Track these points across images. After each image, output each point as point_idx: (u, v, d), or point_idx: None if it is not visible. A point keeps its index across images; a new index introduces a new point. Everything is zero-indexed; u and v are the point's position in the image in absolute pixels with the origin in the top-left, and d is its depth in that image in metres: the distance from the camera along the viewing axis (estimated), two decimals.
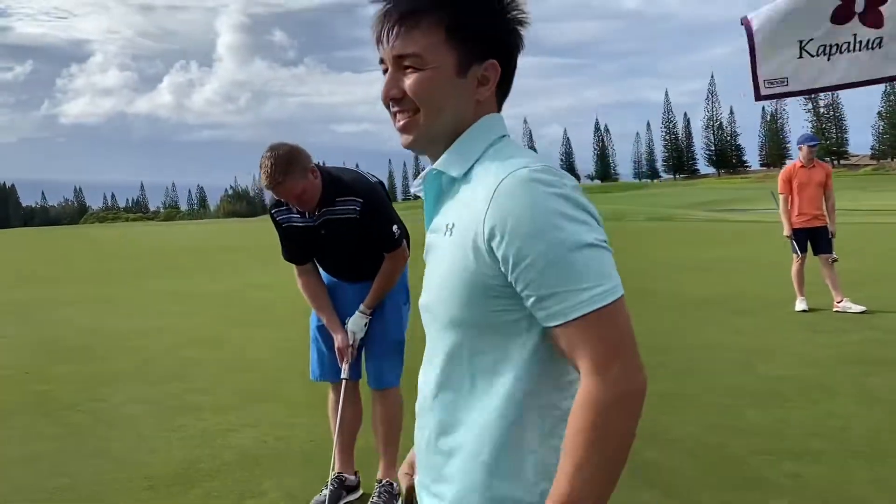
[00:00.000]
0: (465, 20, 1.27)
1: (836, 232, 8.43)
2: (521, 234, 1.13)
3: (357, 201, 3.31)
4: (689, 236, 19.19)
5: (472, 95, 1.30)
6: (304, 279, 3.61)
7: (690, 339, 7.07)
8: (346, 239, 3.41)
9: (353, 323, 3.51)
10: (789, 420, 4.65)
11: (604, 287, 1.13)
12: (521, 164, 1.19)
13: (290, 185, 3.18)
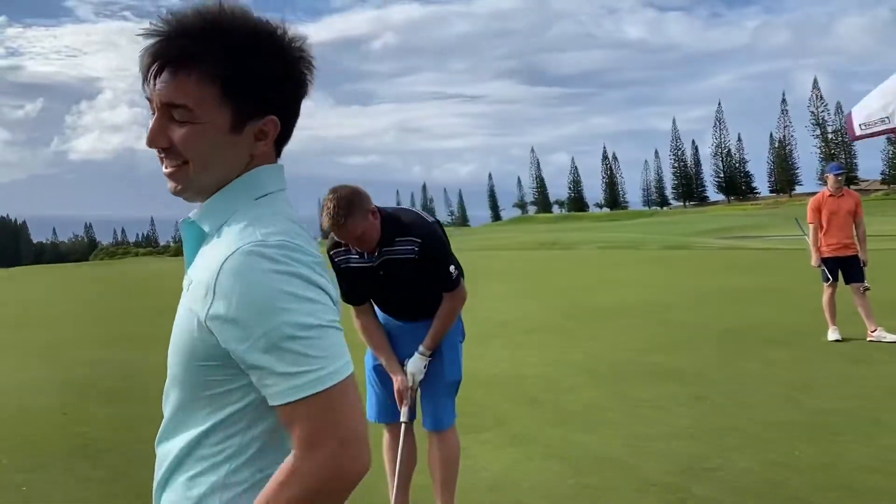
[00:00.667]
0: (243, 76, 1.20)
1: (867, 260, 8.37)
2: (241, 317, 1.10)
3: (416, 241, 3.32)
4: (707, 265, 19.10)
5: (246, 150, 1.24)
6: (362, 320, 3.60)
7: (728, 371, 6.99)
8: (404, 279, 3.41)
9: (413, 365, 3.49)
10: (844, 455, 4.57)
11: (325, 370, 1.10)
12: (253, 237, 1.15)
13: (351, 226, 3.19)
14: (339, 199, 3.18)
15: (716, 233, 51.01)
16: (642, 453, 4.75)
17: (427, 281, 3.42)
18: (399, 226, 3.34)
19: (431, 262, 3.37)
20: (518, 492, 4.19)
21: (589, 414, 5.73)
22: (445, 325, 3.49)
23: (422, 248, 3.33)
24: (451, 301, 3.48)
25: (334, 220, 3.17)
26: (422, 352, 3.48)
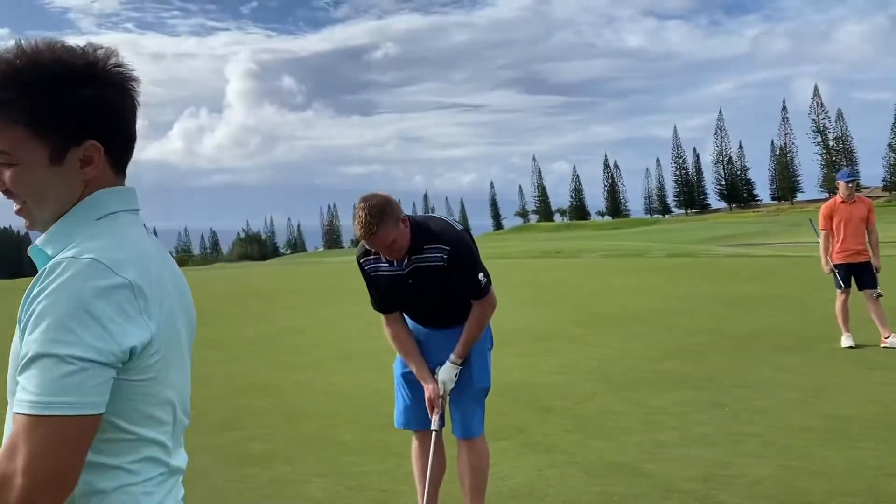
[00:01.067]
0: (45, 111, 1.24)
1: (880, 266, 8.39)
2: (37, 321, 1.14)
3: (445, 249, 3.35)
4: (713, 272, 19.11)
5: (76, 177, 1.28)
6: (392, 328, 3.62)
7: (741, 377, 7.01)
8: (433, 287, 3.43)
9: (445, 373, 3.50)
10: (864, 461, 4.58)
11: (49, 400, 1.12)
12: (70, 252, 1.20)
13: (382, 235, 3.22)
14: (371, 207, 3.21)
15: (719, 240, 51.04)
16: (662, 460, 4.77)
17: (456, 288, 3.45)
18: (428, 234, 3.37)
19: (460, 270, 3.40)
20: (543, 499, 4.21)
21: (606, 421, 5.75)
22: (475, 332, 3.52)
23: (451, 256, 3.35)
24: (481, 308, 3.50)
25: (366, 228, 3.20)
26: (453, 360, 3.50)
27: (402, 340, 3.61)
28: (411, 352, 3.59)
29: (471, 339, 3.51)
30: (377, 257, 3.47)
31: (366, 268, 3.54)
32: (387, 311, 3.62)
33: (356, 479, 4.64)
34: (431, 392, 3.50)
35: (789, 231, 70.79)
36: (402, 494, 4.36)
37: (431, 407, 3.52)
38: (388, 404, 6.47)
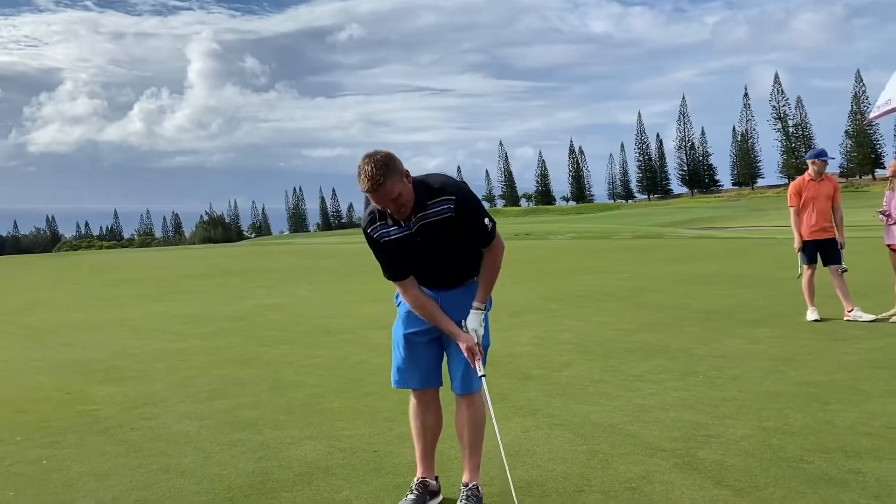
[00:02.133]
0: None
1: (844, 243, 8.68)
2: None
3: (450, 199, 3.38)
4: (681, 253, 19.47)
5: None
6: (411, 294, 3.60)
7: (713, 348, 7.23)
8: (442, 241, 3.45)
9: (472, 321, 3.53)
10: (835, 422, 4.80)
11: None
12: None
13: (388, 187, 3.24)
14: (376, 161, 3.24)
15: (682, 224, 51.78)
16: (643, 422, 4.94)
17: (464, 240, 3.48)
18: (430, 189, 3.39)
19: (467, 218, 3.42)
20: (533, 457, 4.35)
21: (586, 387, 5.91)
22: (492, 276, 3.57)
23: (457, 206, 3.38)
24: (492, 253, 3.56)
25: (373, 181, 3.21)
26: (476, 306, 3.54)
27: (426, 303, 3.59)
28: (436, 312, 3.57)
29: (489, 283, 3.57)
30: (384, 223, 3.48)
31: (374, 235, 3.53)
32: (401, 278, 3.59)
33: (347, 442, 4.74)
34: (468, 341, 3.51)
35: (750, 215, 72.14)
36: (395, 455, 4.47)
37: (472, 356, 3.53)
38: (372, 375, 6.62)
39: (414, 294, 3.60)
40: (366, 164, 3.26)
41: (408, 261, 3.55)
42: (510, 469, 4.13)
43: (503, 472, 3.94)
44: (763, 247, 20.18)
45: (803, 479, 3.86)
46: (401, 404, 5.47)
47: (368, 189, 3.27)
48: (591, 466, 4.17)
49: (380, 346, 8.08)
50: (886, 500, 3.54)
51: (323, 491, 3.94)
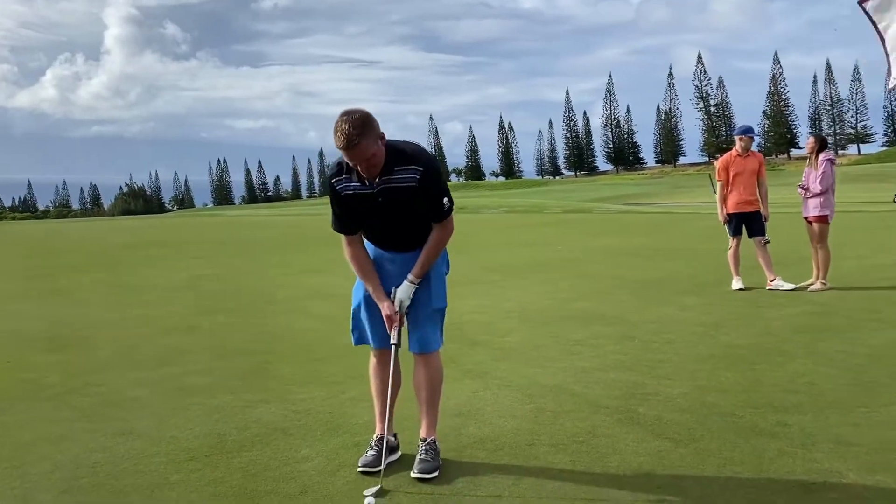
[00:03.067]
0: None
1: (769, 216, 9.15)
2: None
3: (418, 170, 3.48)
4: (610, 227, 20.03)
5: None
6: (352, 250, 3.74)
7: (647, 315, 7.57)
8: (401, 207, 3.55)
9: (402, 292, 3.67)
10: (762, 380, 5.14)
11: None
12: None
13: (364, 146, 3.31)
14: (354, 120, 3.30)
15: (609, 200, 52.96)
16: (586, 382, 5.18)
17: (421, 210, 3.59)
18: (401, 155, 3.48)
19: (429, 192, 3.53)
20: (484, 415, 4.53)
21: (529, 352, 6.14)
22: (434, 254, 3.69)
23: (423, 177, 3.48)
24: (441, 231, 3.68)
25: (349, 139, 3.27)
26: (411, 280, 3.68)
27: (361, 261, 3.74)
28: (369, 273, 3.73)
29: (429, 260, 3.69)
30: (349, 177, 3.55)
31: (337, 187, 3.61)
32: (349, 233, 3.72)
33: (301, 405, 4.83)
34: (388, 309, 3.67)
35: (673, 192, 74.25)
36: (350, 416, 4.59)
37: (390, 324, 3.70)
38: (319, 342, 6.70)
39: (354, 250, 3.75)
40: (343, 121, 3.31)
41: (360, 217, 3.66)
42: (463, 427, 4.33)
43: (454, 430, 4.14)
44: (687, 222, 20.93)
45: (736, 431, 4.15)
46: (351, 369, 5.61)
47: (343, 146, 3.32)
48: (540, 423, 4.38)
49: (323, 316, 8.16)
50: (810, 448, 3.86)
51: (283, 450, 4.03)
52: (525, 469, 3.71)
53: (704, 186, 79.26)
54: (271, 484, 3.58)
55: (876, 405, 4.49)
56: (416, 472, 3.63)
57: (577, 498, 3.36)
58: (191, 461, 3.90)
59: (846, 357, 5.64)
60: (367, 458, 3.76)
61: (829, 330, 6.61)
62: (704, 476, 3.57)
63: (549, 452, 3.92)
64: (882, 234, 16.05)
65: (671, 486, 3.47)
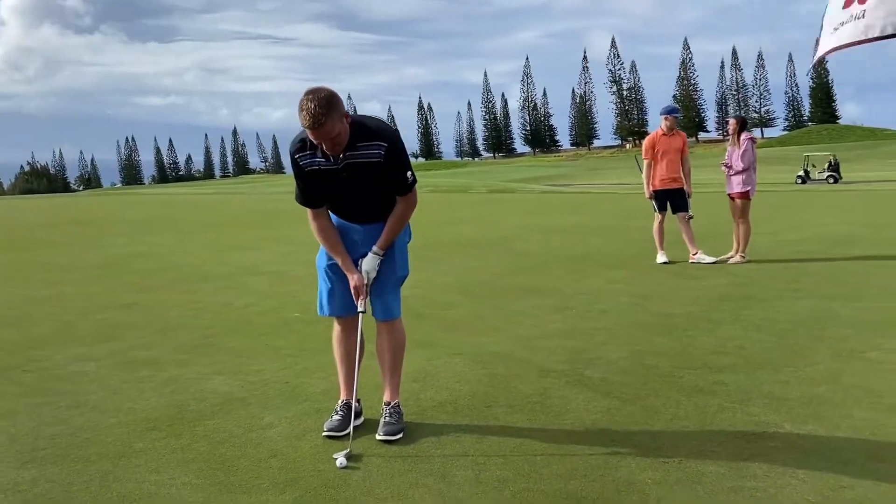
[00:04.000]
0: None
1: (691, 192, 9.59)
2: None
3: (382, 146, 3.55)
4: (535, 206, 20.45)
5: None
6: (318, 223, 3.78)
7: (580, 287, 7.86)
8: (365, 182, 3.61)
9: (368, 263, 3.75)
10: (696, 345, 5.45)
11: None
12: None
13: (329, 126, 3.35)
14: (320, 99, 3.33)
15: (529, 181, 53.81)
16: (531, 349, 5.39)
17: (384, 185, 3.68)
18: (366, 131, 3.54)
19: (393, 166, 3.61)
20: (439, 381, 4.67)
21: (474, 323, 6.31)
22: (398, 226, 3.78)
23: (387, 152, 3.55)
24: (405, 204, 3.77)
25: (315, 119, 3.31)
26: (376, 251, 3.76)
27: (328, 234, 3.79)
28: (336, 244, 3.79)
29: (393, 232, 3.78)
30: (312, 153, 3.59)
31: (301, 162, 3.65)
32: (314, 206, 3.77)
33: (256, 376, 4.85)
34: (357, 281, 3.75)
35: (588, 174, 75.98)
36: (308, 385, 4.64)
37: (357, 294, 3.78)
38: (263, 317, 6.70)
39: (321, 222, 3.79)
40: (309, 101, 3.34)
41: (325, 191, 3.71)
42: (421, 392, 4.46)
43: (413, 395, 4.26)
44: (606, 201, 21.57)
45: (678, 390, 4.42)
46: (301, 342, 5.67)
47: (309, 126, 3.36)
48: (494, 386, 4.55)
49: (261, 292, 8.13)
50: (747, 403, 4.15)
51: (245, 418, 4.06)
52: (486, 428, 3.87)
53: (619, 168, 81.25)
54: (239, 450, 3.62)
55: (801, 365, 4.84)
56: (382, 435, 3.73)
57: (537, 453, 3.54)
58: (153, 430, 3.89)
59: (770, 323, 6.03)
60: (333, 422, 3.84)
61: (751, 299, 7.03)
62: (653, 430, 3.81)
63: (507, 413, 4.09)
64: (790, 211, 16.97)
65: (624, 440, 3.68)
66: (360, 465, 3.42)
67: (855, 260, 9.22)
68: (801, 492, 3.05)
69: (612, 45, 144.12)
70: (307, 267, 9.81)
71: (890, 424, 3.77)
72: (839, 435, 3.66)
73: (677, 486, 3.14)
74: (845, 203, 19.73)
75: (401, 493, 3.13)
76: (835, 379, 4.52)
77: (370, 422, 3.96)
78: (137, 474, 3.35)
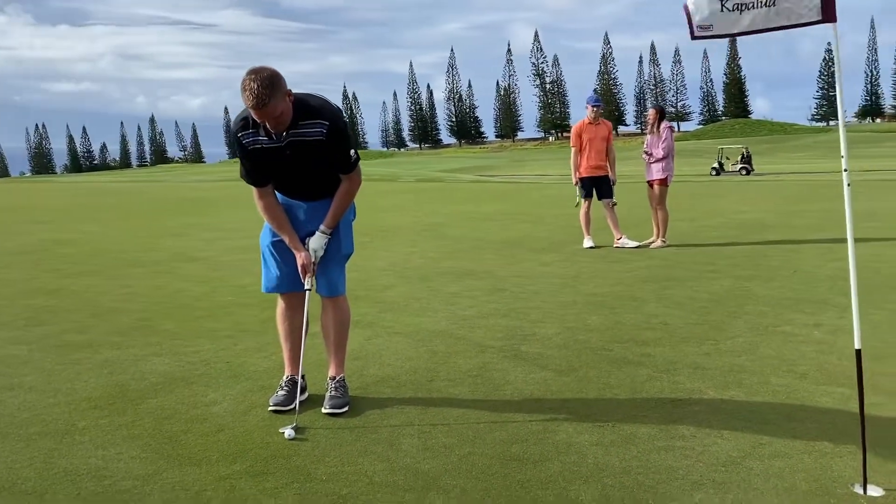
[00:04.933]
0: None
1: (616, 179, 9.93)
2: None
3: (324, 124, 3.59)
4: (463, 195, 20.69)
5: None
6: (265, 201, 3.80)
7: (512, 270, 8.06)
8: (308, 160, 3.65)
9: (315, 241, 3.79)
10: (623, 322, 5.71)
11: None
12: None
13: (273, 106, 3.38)
14: (263, 79, 3.35)
15: (456, 171, 54.16)
16: (469, 328, 5.54)
17: (328, 163, 3.72)
18: (308, 109, 3.58)
19: (336, 144, 3.65)
20: (381, 358, 4.77)
21: (411, 304, 6.42)
22: (344, 204, 3.83)
23: (329, 131, 3.59)
24: (350, 182, 3.83)
25: (258, 99, 3.33)
26: (323, 230, 3.80)
27: (274, 212, 3.82)
28: (283, 223, 3.82)
29: (340, 210, 3.83)
30: (255, 132, 3.60)
31: (244, 141, 3.66)
32: (260, 185, 3.78)
33: (195, 357, 4.84)
34: (304, 259, 3.79)
35: (513, 165, 76.95)
36: (249, 364, 4.67)
37: (304, 271, 3.83)
38: (197, 301, 6.66)
39: (267, 201, 3.81)
40: (251, 80, 3.35)
41: (269, 169, 3.73)
42: (364, 369, 4.55)
43: (356, 371, 4.35)
44: (532, 190, 21.99)
45: (608, 362, 4.65)
46: (237, 324, 5.69)
47: (253, 106, 3.37)
48: (435, 362, 4.68)
49: (193, 276, 8.04)
50: (673, 373, 4.40)
51: (188, 396, 4.07)
52: (429, 401, 4.00)
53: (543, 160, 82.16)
54: (185, 425, 3.65)
55: (722, 339, 5.14)
56: (328, 408, 3.81)
57: (480, 421, 3.68)
58: (94, 409, 3.87)
59: (691, 301, 6.35)
60: (278, 397, 3.89)
61: (672, 279, 7.37)
62: (588, 398, 4.01)
63: (449, 386, 4.23)
64: (706, 200, 17.67)
65: (560, 408, 3.87)
66: (309, 437, 3.50)
67: (768, 244, 9.73)
68: (725, 449, 3.29)
69: (536, 38, 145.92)
70: (237, 252, 9.79)
71: (803, 389, 4.07)
72: (758, 399, 3.94)
73: (612, 447, 3.33)
74: (757, 193, 20.65)
75: (350, 461, 3.23)
76: (753, 350, 4.83)
77: (315, 397, 4.03)
78: (83, 450, 3.34)
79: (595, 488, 2.93)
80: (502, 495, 2.89)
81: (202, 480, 3.04)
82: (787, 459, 3.16)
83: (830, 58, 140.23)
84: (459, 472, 3.10)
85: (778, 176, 35.87)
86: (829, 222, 11.86)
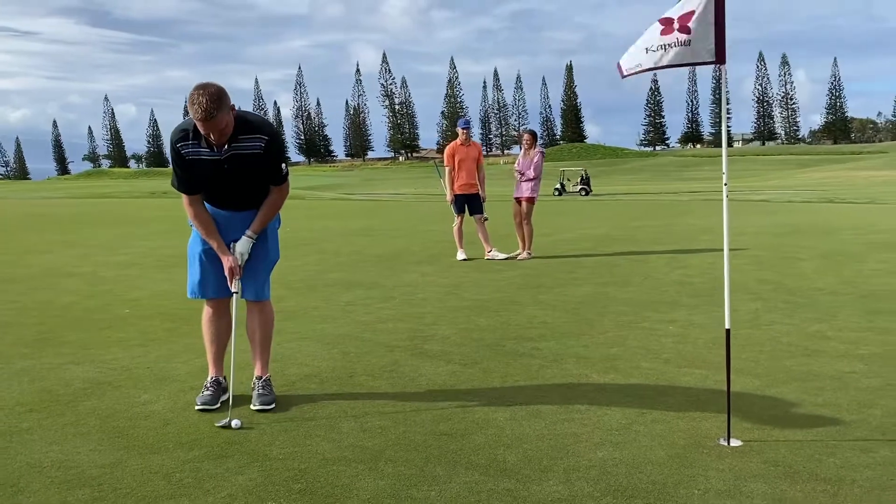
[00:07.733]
0: None
1: (486, 197, 10.68)
2: None
3: (264, 139, 3.91)
4: (328, 212, 20.94)
5: None
6: (194, 208, 4.04)
7: (396, 281, 8.55)
8: (245, 172, 3.94)
9: (242, 246, 4.06)
10: (510, 322, 6.35)
11: None
12: None
13: (220, 118, 3.66)
14: (211, 94, 3.62)
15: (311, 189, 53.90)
16: (372, 331, 5.97)
17: (262, 175, 4.04)
18: (248, 125, 3.89)
19: (271, 159, 3.98)
20: (298, 359, 5.11)
21: (310, 312, 6.76)
22: (271, 213, 4.15)
23: (267, 145, 3.91)
24: (279, 193, 4.15)
25: (207, 112, 3.60)
26: (249, 235, 4.08)
27: (203, 220, 4.06)
28: (211, 230, 4.06)
29: (267, 217, 4.13)
30: (196, 142, 3.85)
31: (182, 151, 3.89)
32: (191, 193, 4.02)
33: (114, 364, 4.97)
34: (231, 262, 4.04)
35: (365, 184, 77.42)
36: (171, 369, 4.87)
37: (231, 275, 4.08)
38: (93, 313, 6.72)
39: (197, 209, 4.07)
40: (200, 94, 3.63)
41: (204, 180, 3.98)
42: (285, 369, 4.88)
43: (278, 372, 4.66)
44: (396, 208, 22.61)
45: (504, 355, 5.24)
46: (145, 334, 5.85)
47: (201, 119, 3.64)
48: (350, 361, 5.08)
49: (79, 292, 7.94)
50: (561, 362, 5.05)
51: (121, 398, 4.24)
52: (354, 393, 4.40)
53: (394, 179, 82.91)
54: (130, 421, 3.86)
55: (595, 333, 5.88)
56: (258, 405, 4.09)
57: (406, 408, 4.13)
58: (31, 412, 3.98)
59: (563, 304, 7.11)
60: (205, 397, 4.10)
61: (543, 286, 8.14)
62: (492, 387, 4.56)
63: (369, 380, 4.66)
64: (556, 217, 19.00)
65: (472, 393, 4.40)
66: (254, 427, 3.82)
67: (617, 255, 10.82)
68: (615, 418, 3.93)
69: (384, 59, 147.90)
70: (116, 268, 9.70)
71: (669, 371, 4.83)
72: (633, 381, 4.64)
73: (524, 420, 3.90)
74: (599, 211, 22.38)
75: (299, 443, 3.59)
76: (622, 342, 5.59)
77: (239, 398, 4.26)
78: (38, 447, 3.49)
79: (517, 452, 3.47)
80: (441, 462, 3.37)
81: (167, 465, 3.30)
82: (665, 424, 3.84)
83: (657, 87, 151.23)
84: (399, 446, 3.55)
85: (614, 196, 38.60)
86: (668, 235, 13.27)
